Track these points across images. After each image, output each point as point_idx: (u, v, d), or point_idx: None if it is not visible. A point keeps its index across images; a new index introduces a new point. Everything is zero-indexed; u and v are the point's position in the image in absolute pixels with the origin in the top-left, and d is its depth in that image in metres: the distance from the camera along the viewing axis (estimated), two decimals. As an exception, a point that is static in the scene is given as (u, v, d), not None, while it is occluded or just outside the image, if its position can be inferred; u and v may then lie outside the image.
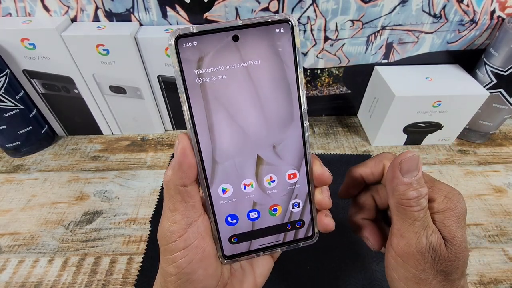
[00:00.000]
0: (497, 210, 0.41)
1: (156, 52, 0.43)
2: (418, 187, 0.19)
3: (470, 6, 0.43)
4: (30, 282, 0.34)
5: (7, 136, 0.46)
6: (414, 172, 0.19)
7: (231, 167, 0.19)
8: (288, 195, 0.21)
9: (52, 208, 0.42)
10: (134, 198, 0.43)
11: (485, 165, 0.48)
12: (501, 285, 0.34)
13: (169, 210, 0.19)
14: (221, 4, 0.42)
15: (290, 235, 0.22)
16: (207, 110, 0.18)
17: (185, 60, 0.17)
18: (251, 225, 0.21)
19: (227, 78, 0.18)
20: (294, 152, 0.20)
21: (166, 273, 0.19)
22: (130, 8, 0.43)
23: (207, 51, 0.17)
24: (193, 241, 0.19)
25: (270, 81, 0.18)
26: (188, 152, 0.18)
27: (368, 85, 0.53)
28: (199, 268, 0.19)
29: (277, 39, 0.18)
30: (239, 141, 0.19)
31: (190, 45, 0.17)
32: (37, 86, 0.46)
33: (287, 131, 0.20)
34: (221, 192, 0.20)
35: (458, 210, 0.20)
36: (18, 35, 0.40)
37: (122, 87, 0.47)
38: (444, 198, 0.20)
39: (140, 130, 0.54)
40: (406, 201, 0.19)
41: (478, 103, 0.45)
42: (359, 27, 0.45)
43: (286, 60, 0.18)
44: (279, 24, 0.18)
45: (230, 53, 0.17)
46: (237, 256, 0.21)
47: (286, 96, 0.19)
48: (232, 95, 0.18)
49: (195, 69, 0.17)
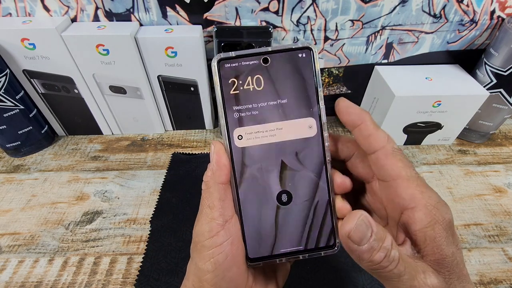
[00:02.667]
0: (497, 210, 0.41)
1: (156, 52, 0.43)
2: (380, 244, 0.17)
3: (470, 6, 0.43)
4: (30, 282, 0.34)
5: (7, 136, 0.46)
6: (367, 234, 0.17)
7: (258, 170, 0.21)
8: (309, 201, 0.22)
9: (52, 208, 0.42)
10: (134, 198, 0.43)
11: (485, 165, 0.48)
12: (501, 285, 0.34)
13: (208, 207, 0.20)
14: (221, 4, 0.42)
15: (311, 242, 0.22)
16: (239, 119, 0.21)
17: (224, 77, 0.21)
18: (275, 229, 0.22)
19: (257, 92, 0.21)
20: (315, 159, 0.22)
21: (202, 271, 0.19)
22: (130, 8, 0.43)
23: (242, 70, 0.21)
24: (229, 238, 0.20)
25: (293, 95, 0.21)
26: (222, 154, 0.20)
27: (368, 85, 0.53)
28: (233, 266, 0.20)
29: (299, 62, 0.21)
30: (266, 147, 0.21)
31: (228, 66, 0.21)
32: (37, 86, 0.46)
33: (309, 140, 0.21)
34: (249, 193, 0.22)
35: (447, 222, 0.18)
36: (18, 35, 0.40)
37: (122, 87, 0.47)
38: (433, 208, 0.18)
39: (140, 130, 0.54)
40: (378, 265, 0.17)
41: (478, 103, 0.45)
42: (359, 27, 0.45)
43: (307, 79, 0.21)
44: (302, 50, 0.21)
45: (260, 72, 0.21)
46: (260, 259, 0.22)
47: (308, 109, 0.21)
48: (260, 107, 0.21)
49: (232, 84, 0.21)
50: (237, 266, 0.20)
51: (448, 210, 0.19)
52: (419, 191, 0.19)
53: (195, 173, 0.46)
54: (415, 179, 0.19)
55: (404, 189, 0.19)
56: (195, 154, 0.49)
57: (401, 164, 0.20)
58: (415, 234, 0.19)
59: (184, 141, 0.53)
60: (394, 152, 0.20)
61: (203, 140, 0.53)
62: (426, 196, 0.19)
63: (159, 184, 0.45)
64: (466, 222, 0.40)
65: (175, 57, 0.44)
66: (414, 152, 0.51)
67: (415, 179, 0.19)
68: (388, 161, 0.20)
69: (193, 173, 0.46)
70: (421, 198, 0.19)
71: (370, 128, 0.20)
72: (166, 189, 0.44)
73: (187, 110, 0.52)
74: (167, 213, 0.40)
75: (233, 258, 0.20)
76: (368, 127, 0.20)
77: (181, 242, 0.37)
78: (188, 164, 0.47)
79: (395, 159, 0.20)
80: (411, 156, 0.50)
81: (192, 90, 0.48)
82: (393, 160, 0.20)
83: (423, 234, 0.18)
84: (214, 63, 0.20)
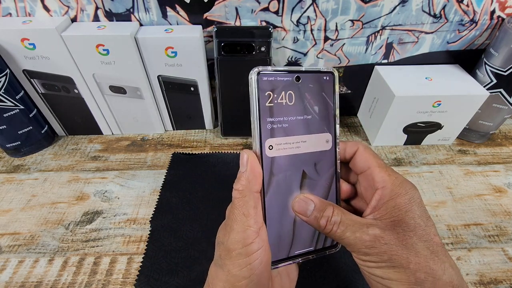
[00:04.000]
0: (497, 210, 0.41)
1: (156, 52, 0.43)
2: (321, 213, 0.22)
3: (470, 6, 0.43)
4: (30, 282, 0.34)
5: (7, 136, 0.46)
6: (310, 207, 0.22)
7: (283, 179, 0.23)
8: None
9: (52, 208, 0.42)
10: (134, 198, 0.43)
11: (485, 165, 0.48)
12: (501, 285, 0.34)
13: (243, 215, 0.21)
14: (221, 4, 0.42)
15: (320, 243, 0.25)
16: (272, 130, 0.23)
17: (261, 89, 0.22)
18: (292, 234, 0.24)
19: (288, 107, 0.23)
20: (328, 170, 0.25)
21: (237, 278, 0.20)
22: (130, 8, 0.43)
23: (277, 84, 0.23)
24: (263, 245, 0.21)
25: (316, 111, 0.24)
26: (257, 164, 0.22)
27: (368, 85, 0.53)
28: (265, 271, 0.21)
29: (324, 83, 0.24)
30: (290, 158, 0.23)
31: (266, 79, 0.22)
32: (37, 86, 0.46)
33: (326, 153, 0.25)
34: (273, 201, 0.23)
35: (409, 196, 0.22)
36: (18, 35, 0.40)
37: (122, 87, 0.47)
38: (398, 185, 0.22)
39: (140, 130, 0.54)
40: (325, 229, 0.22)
41: (478, 103, 0.45)
42: (359, 27, 0.45)
43: (329, 99, 0.24)
44: (326, 73, 0.24)
45: (292, 87, 0.23)
46: (279, 262, 0.24)
47: (327, 125, 0.24)
48: (290, 120, 0.23)
49: (268, 98, 0.23)
50: (267, 271, 0.22)
51: (412, 187, 0.23)
52: (387, 174, 0.23)
53: (195, 173, 0.46)
54: (384, 166, 0.24)
55: (376, 174, 0.24)
56: (195, 154, 0.49)
57: (373, 156, 0.25)
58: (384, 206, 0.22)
59: (184, 141, 0.53)
60: (366, 149, 0.25)
61: (203, 140, 0.53)
62: (393, 178, 0.23)
63: (159, 184, 0.44)
64: (466, 222, 0.40)
65: (175, 57, 0.44)
66: (414, 152, 0.51)
67: (384, 166, 0.24)
68: (363, 156, 0.25)
69: (193, 173, 0.46)
70: (388, 179, 0.23)
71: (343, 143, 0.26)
72: (166, 189, 0.44)
73: (187, 110, 0.52)
74: (167, 213, 0.40)
75: (266, 264, 0.21)
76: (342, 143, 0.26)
77: (181, 242, 0.37)
78: (188, 164, 0.47)
79: (368, 154, 0.25)
80: (411, 156, 0.50)
81: (192, 90, 0.48)
82: (366, 155, 0.25)
83: (391, 205, 0.22)
84: (254, 76, 0.22)
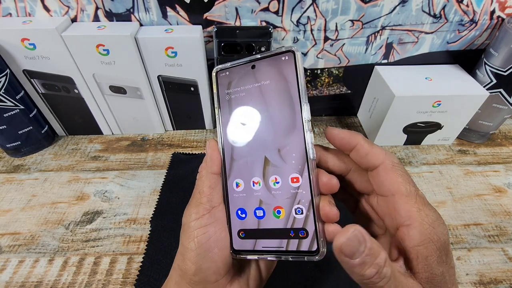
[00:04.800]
0: (497, 210, 0.41)
1: (156, 52, 0.43)
2: (373, 260, 0.17)
3: (470, 6, 0.43)
4: (30, 282, 0.34)
5: (7, 136, 0.46)
6: (361, 248, 0.17)
7: (244, 164, 0.23)
8: (291, 198, 0.22)
9: (52, 208, 0.42)
10: (134, 198, 0.43)
11: (485, 165, 0.48)
12: (501, 285, 0.34)
13: (199, 193, 0.22)
14: (221, 4, 0.43)
15: (293, 243, 0.22)
16: (231, 118, 0.24)
17: (220, 84, 0.24)
18: (257, 223, 0.23)
19: (245, 95, 0.24)
20: (296, 156, 0.22)
21: (186, 250, 0.21)
22: (130, 8, 0.43)
23: (234, 77, 0.24)
24: (213, 221, 0.22)
25: (277, 95, 0.23)
26: (215, 149, 0.24)
27: (368, 85, 0.53)
28: (215, 247, 0.21)
29: (283, 64, 0.23)
30: (251, 143, 0.23)
31: (224, 74, 0.24)
32: (37, 86, 0.46)
33: (290, 137, 0.22)
34: (235, 185, 0.23)
35: (441, 242, 0.18)
36: (18, 35, 0.40)
37: (122, 87, 0.47)
38: (428, 227, 0.18)
39: (140, 130, 0.54)
40: (368, 280, 0.17)
41: (478, 103, 0.45)
42: (359, 27, 0.45)
43: (290, 80, 0.23)
44: (285, 53, 0.22)
45: (248, 77, 0.24)
46: (244, 252, 0.23)
47: (289, 107, 0.23)
48: (248, 107, 0.23)
49: (225, 90, 0.24)
50: (219, 248, 0.22)
51: (445, 229, 0.19)
52: (416, 208, 0.19)
53: (195, 173, 0.46)
54: (414, 196, 0.19)
55: (401, 205, 0.19)
56: (195, 154, 0.49)
57: (401, 179, 0.20)
58: (409, 251, 0.19)
59: (184, 141, 0.53)
60: (394, 167, 0.20)
61: (203, 140, 0.53)
62: (423, 214, 0.19)
63: (159, 184, 0.45)
64: (466, 222, 0.40)
65: (175, 57, 0.44)
66: (414, 152, 0.51)
67: (414, 196, 0.19)
68: (388, 176, 0.20)
69: (193, 173, 0.46)
70: (417, 216, 0.18)
71: (365, 147, 0.21)
72: (166, 189, 0.44)
73: (187, 110, 0.52)
74: (167, 213, 0.40)
75: (215, 240, 0.21)
76: (363, 147, 0.21)
77: (181, 242, 0.37)
78: (188, 164, 0.47)
79: (395, 174, 0.20)
80: (411, 156, 0.50)
81: (192, 90, 0.48)
82: (393, 175, 0.20)
83: (415, 252, 0.18)
84: (214, 73, 0.24)
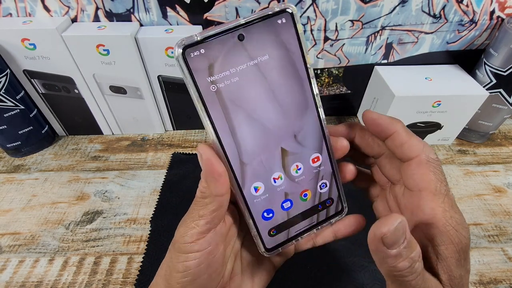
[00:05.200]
0: (497, 210, 0.41)
1: (156, 52, 0.43)
2: (408, 253, 0.16)
3: (469, 6, 0.43)
4: (30, 282, 0.34)
5: (7, 136, 0.46)
6: (401, 240, 0.16)
7: (259, 165, 0.20)
8: (315, 178, 0.22)
9: (52, 208, 0.42)
10: (134, 198, 0.43)
11: (485, 165, 0.48)
12: (500, 285, 0.34)
13: (198, 215, 0.19)
14: (221, 4, 0.43)
15: (322, 214, 0.23)
16: (226, 114, 0.18)
17: (195, 70, 0.17)
18: (286, 215, 0.22)
19: (240, 79, 0.18)
20: (314, 136, 0.21)
21: (173, 268, 0.20)
22: (130, 9, 0.43)
23: (216, 56, 0.17)
24: (207, 247, 0.19)
25: (280, 72, 0.18)
26: (214, 161, 0.18)
27: (368, 85, 0.53)
28: (205, 274, 0.20)
29: (280, 30, 0.18)
30: (262, 138, 0.19)
31: (198, 54, 0.16)
32: (37, 86, 0.46)
33: (304, 117, 0.20)
34: (253, 191, 0.20)
35: (463, 245, 0.18)
36: (19, 35, 0.40)
37: (122, 87, 0.47)
38: (451, 229, 0.18)
39: (140, 130, 0.54)
40: (399, 273, 0.16)
41: (478, 103, 0.45)
42: (359, 27, 0.45)
43: (292, 49, 0.18)
44: (280, 15, 0.17)
45: (238, 53, 0.17)
46: (278, 246, 0.22)
47: (298, 84, 0.19)
48: (247, 95, 0.18)
49: (207, 77, 0.17)
50: (209, 273, 0.20)
51: (467, 233, 0.18)
52: (442, 208, 0.18)
53: (195, 173, 0.46)
54: (443, 196, 0.18)
55: (427, 203, 0.18)
56: (195, 154, 0.49)
57: (433, 177, 0.19)
58: (428, 250, 0.18)
59: (184, 141, 0.53)
60: (429, 162, 0.19)
61: (203, 140, 0.53)
62: (448, 215, 0.18)
63: (159, 184, 0.45)
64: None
65: (175, 57, 0.44)
66: (414, 152, 0.51)
67: (443, 196, 0.18)
68: (420, 170, 0.19)
69: (193, 173, 0.46)
70: (442, 217, 0.18)
71: (402, 136, 0.19)
72: (166, 189, 0.44)
73: (187, 110, 0.52)
74: (167, 213, 0.40)
75: (207, 266, 0.19)
76: (400, 136, 0.19)
77: (181, 242, 0.37)
78: (188, 164, 0.47)
79: (427, 170, 0.19)
80: (411, 156, 0.50)
81: (192, 90, 0.48)
82: (425, 171, 0.19)
83: (436, 252, 0.18)
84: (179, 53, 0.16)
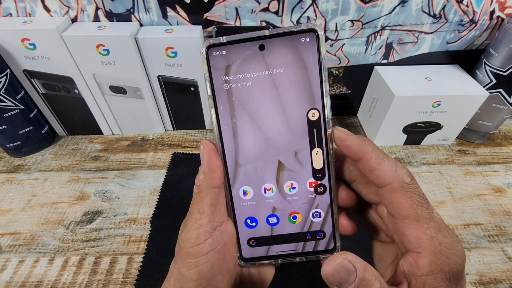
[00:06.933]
0: (497, 210, 0.41)
1: (156, 52, 0.43)
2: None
3: (469, 6, 0.43)
4: (30, 282, 0.34)
5: (7, 136, 0.46)
6: (350, 279, 0.16)
7: (253, 170, 0.20)
8: (308, 203, 0.21)
9: (52, 208, 0.42)
10: (134, 198, 0.43)
11: (485, 165, 0.48)
12: (500, 285, 0.34)
13: (198, 212, 0.19)
14: (221, 4, 0.43)
15: (310, 245, 0.21)
16: (232, 114, 0.19)
17: (214, 67, 0.18)
18: (270, 230, 0.21)
19: (252, 85, 0.19)
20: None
21: (185, 279, 0.18)
22: (130, 9, 0.43)
23: (235, 59, 0.18)
24: (216, 246, 0.19)
25: (294, 88, 0.19)
26: (214, 155, 0.19)
27: (368, 85, 0.53)
28: (218, 274, 0.19)
29: (302, 48, 0.18)
30: (261, 146, 0.19)
31: (219, 54, 0.18)
32: (37, 86, 0.46)
33: (309, 139, 0.20)
34: (241, 194, 0.20)
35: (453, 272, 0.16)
36: (19, 35, 0.40)
37: (123, 87, 0.47)
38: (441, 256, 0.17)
39: (140, 130, 0.54)
40: None
41: (478, 103, 0.45)
42: (359, 27, 0.45)
43: (311, 69, 0.18)
44: (305, 33, 0.18)
45: (255, 61, 0.18)
46: (255, 259, 0.21)
47: (309, 103, 0.19)
48: (256, 101, 0.19)
49: (223, 76, 0.19)
50: (222, 274, 0.19)
51: (460, 258, 0.17)
52: (428, 236, 0.17)
53: (195, 173, 0.46)
54: (427, 221, 0.17)
55: (412, 231, 0.17)
56: (195, 154, 0.49)
57: (411, 202, 0.17)
58: (415, 279, 0.17)
59: (184, 141, 0.53)
60: (403, 189, 0.17)
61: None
62: (435, 243, 0.17)
63: (159, 184, 0.45)
64: (465, 222, 0.40)
65: (175, 57, 0.44)
66: (414, 152, 0.51)
67: (427, 221, 0.17)
68: (395, 199, 0.18)
69: (193, 173, 0.46)
70: (429, 246, 0.17)
71: (372, 162, 0.18)
72: (166, 189, 0.44)
73: (187, 110, 0.52)
74: (167, 213, 0.40)
75: (219, 267, 0.19)
76: (370, 161, 0.18)
77: (181, 242, 0.37)
78: (188, 164, 0.47)
79: (403, 197, 0.17)
80: (411, 156, 0.50)
81: (192, 90, 0.48)
82: (401, 199, 0.17)
83: (423, 281, 0.17)
84: (203, 50, 0.18)
